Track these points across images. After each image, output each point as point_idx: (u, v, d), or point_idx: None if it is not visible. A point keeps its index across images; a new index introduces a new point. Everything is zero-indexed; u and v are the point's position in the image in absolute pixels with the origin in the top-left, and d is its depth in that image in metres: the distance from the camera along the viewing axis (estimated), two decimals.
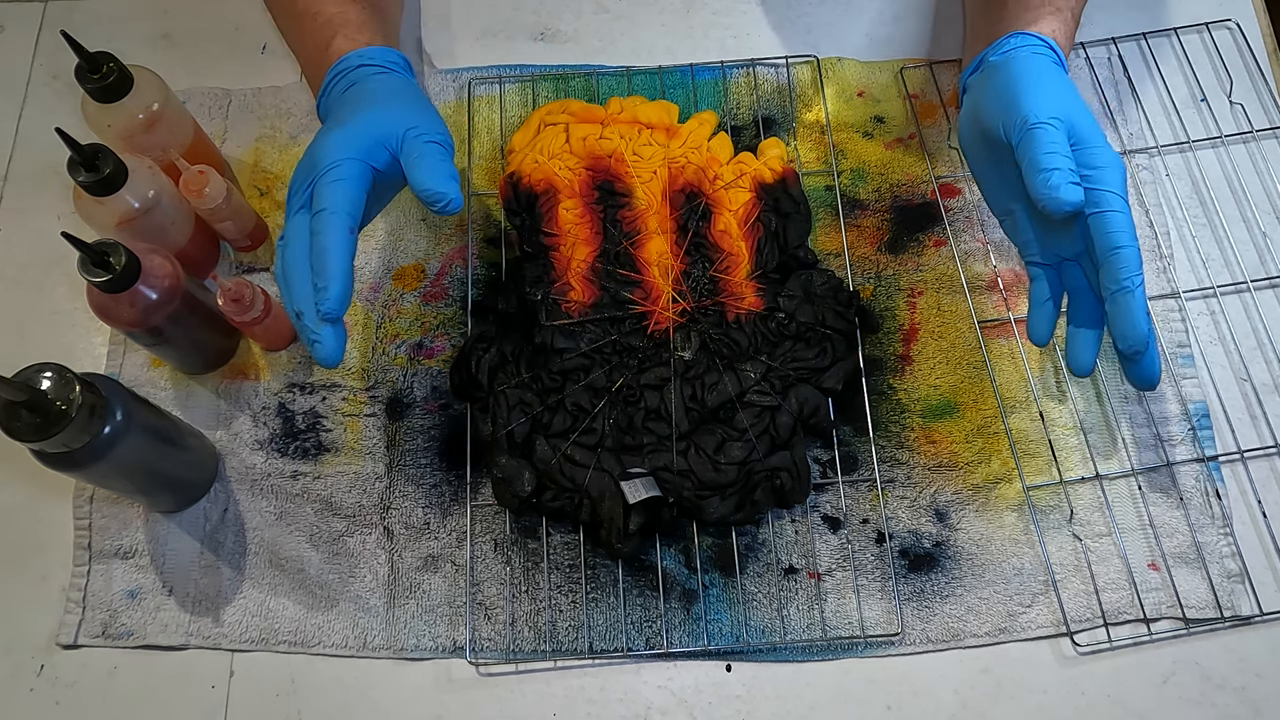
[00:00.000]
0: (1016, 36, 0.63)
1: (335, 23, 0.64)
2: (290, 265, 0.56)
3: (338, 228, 0.55)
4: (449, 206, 0.57)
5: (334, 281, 0.54)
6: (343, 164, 0.57)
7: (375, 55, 0.63)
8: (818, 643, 0.62)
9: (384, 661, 0.62)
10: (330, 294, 0.54)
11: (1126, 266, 0.56)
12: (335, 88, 0.63)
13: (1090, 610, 0.62)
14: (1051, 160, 0.56)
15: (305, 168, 0.58)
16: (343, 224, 0.56)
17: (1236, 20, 0.77)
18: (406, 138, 0.58)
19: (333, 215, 0.55)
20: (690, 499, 0.62)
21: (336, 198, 0.56)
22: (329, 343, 0.55)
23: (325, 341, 0.55)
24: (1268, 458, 0.65)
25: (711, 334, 0.66)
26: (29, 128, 0.76)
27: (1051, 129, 0.57)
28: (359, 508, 0.65)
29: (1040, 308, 0.63)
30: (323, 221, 0.55)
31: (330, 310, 0.54)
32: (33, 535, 0.65)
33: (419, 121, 0.59)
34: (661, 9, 0.79)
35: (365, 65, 0.63)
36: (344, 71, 0.63)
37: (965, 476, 0.65)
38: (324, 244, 0.55)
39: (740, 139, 0.74)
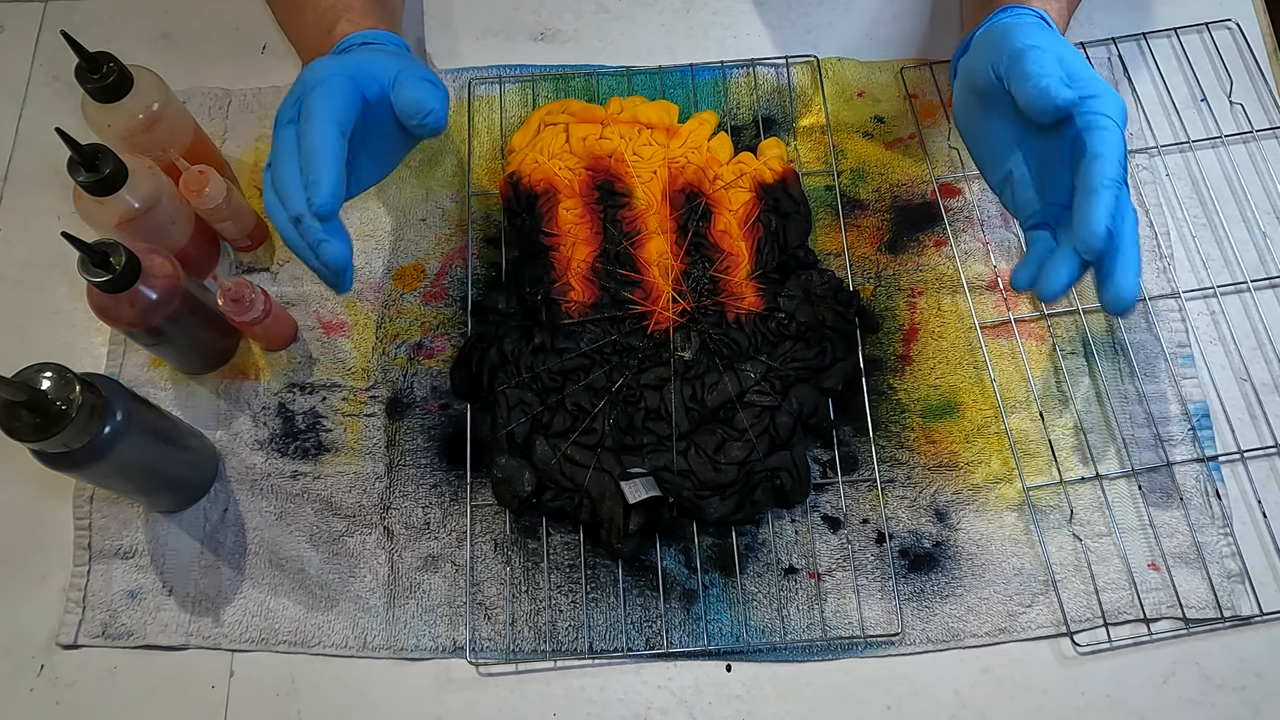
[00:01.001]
0: (1006, 10, 0.62)
1: (339, 8, 0.64)
2: (281, 175, 0.55)
3: (326, 126, 0.55)
4: (430, 117, 0.57)
5: (325, 174, 0.53)
6: (332, 78, 0.56)
7: (379, 37, 0.63)
8: (818, 643, 0.62)
9: (384, 661, 0.62)
10: (322, 188, 0.53)
11: (1100, 170, 0.53)
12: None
13: (1090, 610, 0.62)
14: (1042, 68, 0.55)
15: (292, 91, 0.58)
16: (331, 125, 0.55)
17: (1236, 20, 0.77)
18: (400, 74, 0.58)
19: (321, 116, 0.55)
20: (690, 499, 0.62)
21: (324, 105, 0.55)
22: (334, 241, 0.54)
23: (330, 239, 0.54)
24: (1268, 458, 0.65)
25: (711, 334, 0.66)
26: (29, 128, 0.76)
27: (1039, 51, 0.56)
28: (359, 508, 0.65)
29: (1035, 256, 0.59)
30: (310, 124, 0.55)
31: (323, 204, 0.53)
32: (33, 535, 0.65)
33: (411, 65, 0.59)
34: (661, 9, 0.79)
35: (368, 44, 0.63)
36: (346, 49, 0.62)
37: (965, 476, 0.65)
38: (312, 144, 0.54)
39: (740, 139, 0.74)
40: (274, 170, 0.56)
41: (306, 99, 0.56)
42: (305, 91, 0.56)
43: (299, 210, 0.55)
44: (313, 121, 0.55)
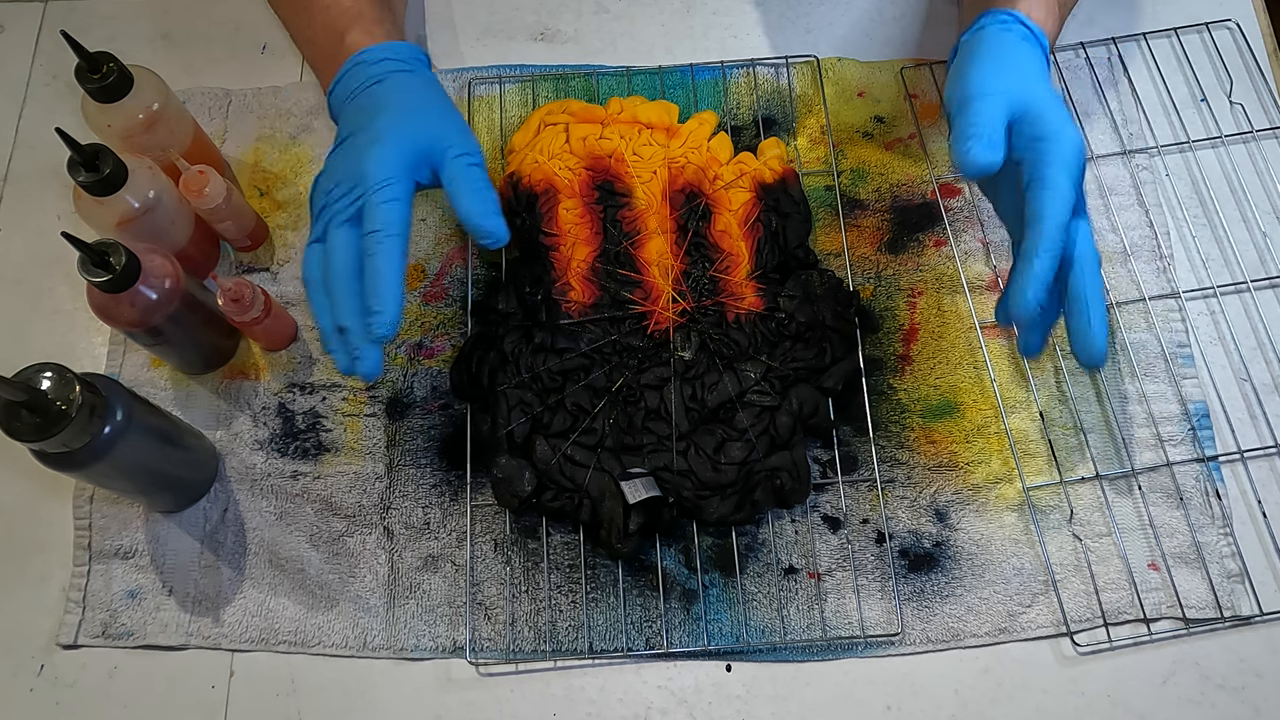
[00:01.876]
0: (988, 14, 0.62)
1: (350, 14, 0.64)
2: (337, 280, 0.56)
3: (396, 251, 0.56)
4: (497, 242, 0.58)
5: (391, 306, 0.55)
6: (395, 183, 0.57)
7: (399, 51, 0.63)
8: (818, 643, 0.62)
9: (384, 661, 0.62)
10: (387, 318, 0.55)
11: (1036, 237, 0.54)
12: (357, 80, 0.62)
13: (1090, 610, 0.62)
14: (970, 129, 0.56)
15: (350, 177, 0.58)
16: (400, 247, 0.56)
17: (1236, 20, 0.77)
18: (447, 157, 0.59)
19: (390, 239, 0.56)
20: (690, 499, 0.62)
21: (393, 219, 0.56)
22: (374, 360, 0.56)
23: (370, 359, 0.56)
24: (1268, 458, 0.65)
25: (711, 334, 0.66)
26: (29, 128, 0.76)
27: (984, 101, 0.57)
28: (359, 508, 0.65)
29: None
30: (380, 244, 0.55)
31: (385, 335, 0.55)
32: (33, 535, 0.65)
33: (457, 138, 0.60)
34: (661, 9, 0.79)
35: (389, 60, 0.63)
36: (366, 64, 0.62)
37: (965, 476, 0.65)
38: (381, 267, 0.55)
39: (740, 139, 0.74)
40: (331, 270, 0.57)
41: (371, 204, 0.56)
42: (367, 192, 0.56)
43: (349, 323, 0.56)
44: (380, 239, 0.55)
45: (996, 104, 0.57)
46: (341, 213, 0.57)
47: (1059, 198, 0.55)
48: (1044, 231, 0.54)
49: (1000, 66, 0.59)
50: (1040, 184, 0.55)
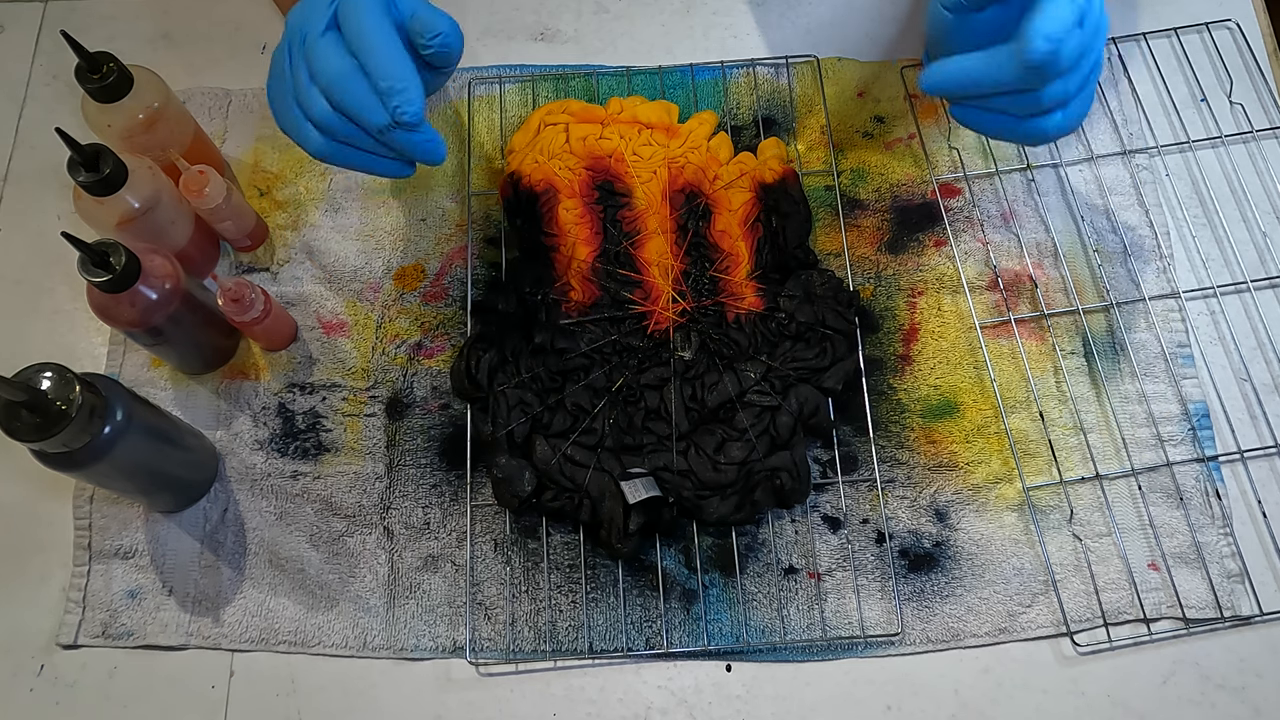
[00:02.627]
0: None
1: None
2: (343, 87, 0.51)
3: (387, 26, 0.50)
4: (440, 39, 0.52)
5: (409, 78, 0.50)
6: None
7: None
8: (818, 643, 0.62)
9: (384, 661, 0.62)
10: (410, 93, 0.50)
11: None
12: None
13: (1090, 610, 0.62)
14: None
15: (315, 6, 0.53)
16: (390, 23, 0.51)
17: (1236, 20, 0.77)
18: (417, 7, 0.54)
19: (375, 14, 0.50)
20: (690, 499, 0.62)
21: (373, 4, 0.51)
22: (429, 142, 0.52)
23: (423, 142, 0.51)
24: (1268, 458, 0.65)
25: (711, 334, 0.66)
26: (29, 128, 0.76)
27: None
28: (359, 508, 0.65)
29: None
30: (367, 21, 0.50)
31: (417, 110, 0.50)
32: (33, 535, 0.65)
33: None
34: (661, 9, 0.79)
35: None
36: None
37: (965, 476, 0.65)
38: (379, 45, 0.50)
39: (740, 139, 0.74)
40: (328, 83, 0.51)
41: (346, 7, 0.51)
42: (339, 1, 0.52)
43: (381, 122, 0.51)
44: (369, 19, 0.50)
45: None
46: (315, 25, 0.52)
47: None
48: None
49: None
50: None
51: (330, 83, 0.52)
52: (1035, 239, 0.71)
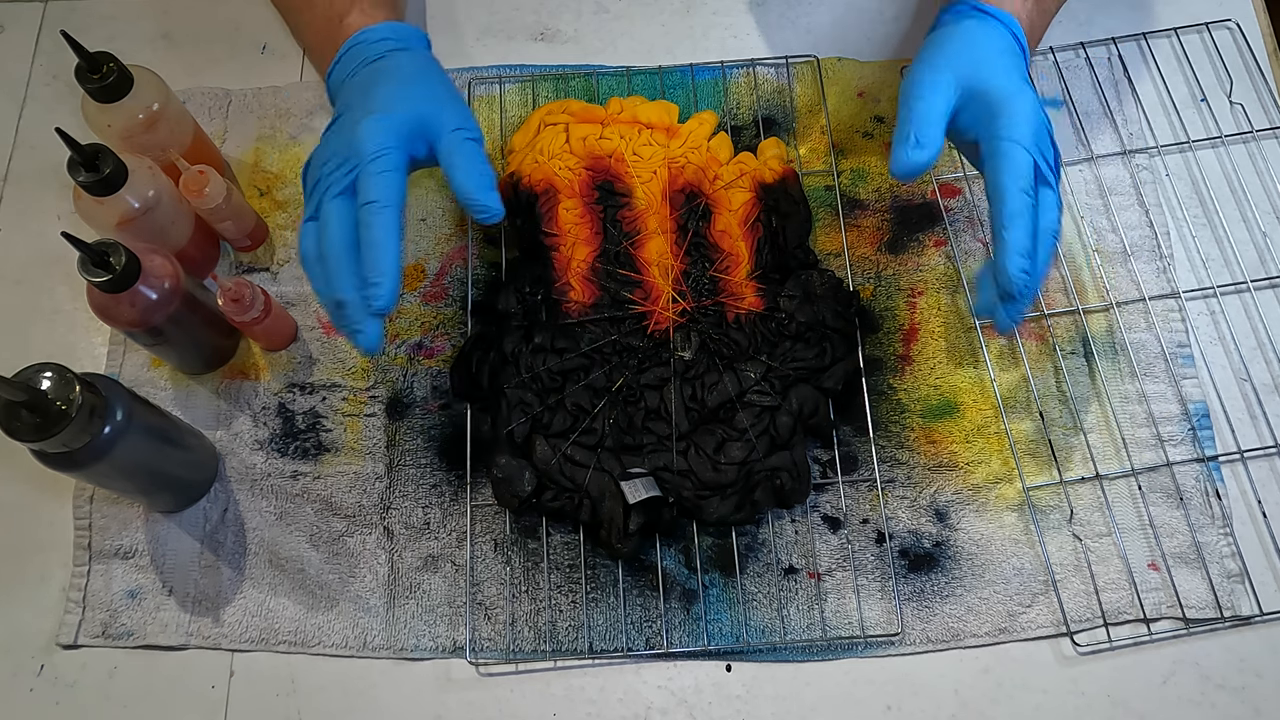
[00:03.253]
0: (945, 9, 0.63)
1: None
2: (332, 253, 0.55)
3: (392, 222, 0.55)
4: (490, 217, 0.57)
5: (389, 277, 0.54)
6: (390, 153, 0.56)
7: (398, 31, 0.63)
8: (818, 643, 0.62)
9: (384, 661, 0.62)
10: (385, 289, 0.54)
11: (1003, 208, 0.55)
12: (355, 60, 0.62)
13: (1090, 610, 0.62)
14: (902, 130, 0.57)
15: (344, 149, 0.57)
16: (396, 218, 0.55)
17: (1236, 20, 0.77)
18: (444, 132, 0.58)
19: (386, 209, 0.55)
20: (690, 499, 0.62)
21: (388, 190, 0.55)
22: (374, 334, 0.55)
23: (370, 332, 0.55)
24: (1268, 458, 0.65)
25: (711, 334, 0.66)
26: (29, 128, 0.76)
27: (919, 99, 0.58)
28: (359, 508, 0.65)
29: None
30: (376, 215, 0.55)
31: (385, 307, 0.54)
32: (33, 535, 0.65)
33: (454, 114, 0.59)
34: (661, 9, 0.79)
35: (388, 39, 0.62)
36: (365, 44, 0.62)
37: (965, 476, 0.65)
38: (377, 238, 0.54)
39: (740, 139, 0.74)
40: (326, 243, 0.56)
41: (365, 175, 0.55)
42: (361, 163, 0.56)
43: (346, 297, 0.55)
44: (376, 214, 0.55)
45: (935, 99, 0.58)
46: (335, 185, 0.56)
47: (1013, 167, 0.55)
48: (1006, 203, 0.55)
49: (947, 57, 0.59)
50: (995, 157, 0.56)
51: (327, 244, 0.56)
52: None
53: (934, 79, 0.58)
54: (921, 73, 0.59)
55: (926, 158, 0.57)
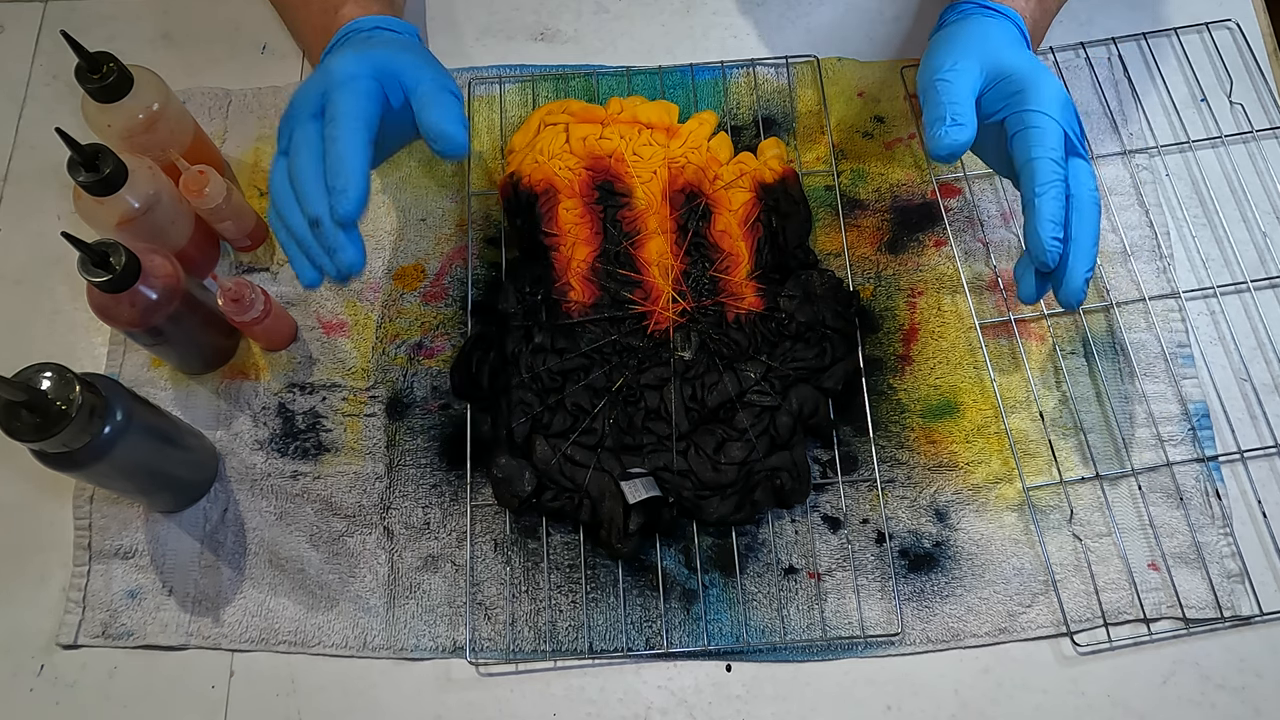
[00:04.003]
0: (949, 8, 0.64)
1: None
2: (300, 172, 0.55)
3: (356, 132, 0.54)
4: (454, 148, 0.56)
5: (353, 183, 0.53)
6: (360, 79, 0.56)
7: (392, 24, 0.63)
8: (818, 643, 0.62)
9: (384, 661, 0.62)
10: (350, 195, 0.53)
11: (1035, 177, 0.55)
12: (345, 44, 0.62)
13: (1090, 610, 0.62)
14: (937, 112, 0.57)
15: (315, 82, 0.57)
16: (361, 131, 0.54)
17: (1236, 20, 0.77)
18: (421, 81, 0.57)
19: (351, 120, 0.54)
20: (690, 499, 0.62)
21: (355, 106, 0.55)
22: (351, 248, 0.54)
23: (347, 247, 0.54)
24: (1268, 458, 0.65)
25: (711, 334, 0.66)
26: (29, 128, 0.76)
27: (948, 81, 0.58)
28: (359, 508, 0.65)
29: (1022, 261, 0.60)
30: (340, 127, 0.54)
31: (348, 213, 0.53)
32: (33, 535, 0.65)
33: (437, 73, 0.59)
34: (661, 9, 0.79)
35: (381, 29, 0.62)
36: (357, 31, 0.62)
37: (965, 476, 0.65)
38: (342, 149, 0.54)
39: (740, 139, 0.74)
40: (293, 167, 0.55)
41: (333, 97, 0.55)
42: (331, 87, 0.55)
43: (318, 213, 0.54)
44: (342, 125, 0.54)
45: (962, 80, 0.58)
46: (303, 114, 0.56)
47: (1044, 137, 0.55)
48: (1037, 171, 0.55)
49: (963, 46, 0.60)
50: (1024, 131, 0.56)
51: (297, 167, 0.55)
52: None
53: (956, 63, 0.58)
54: (942, 58, 0.59)
55: (967, 136, 0.57)
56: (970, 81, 0.58)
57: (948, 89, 0.58)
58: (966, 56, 0.59)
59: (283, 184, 0.56)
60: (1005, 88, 0.58)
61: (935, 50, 0.61)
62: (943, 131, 0.57)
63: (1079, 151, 0.57)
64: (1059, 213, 0.55)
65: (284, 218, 0.56)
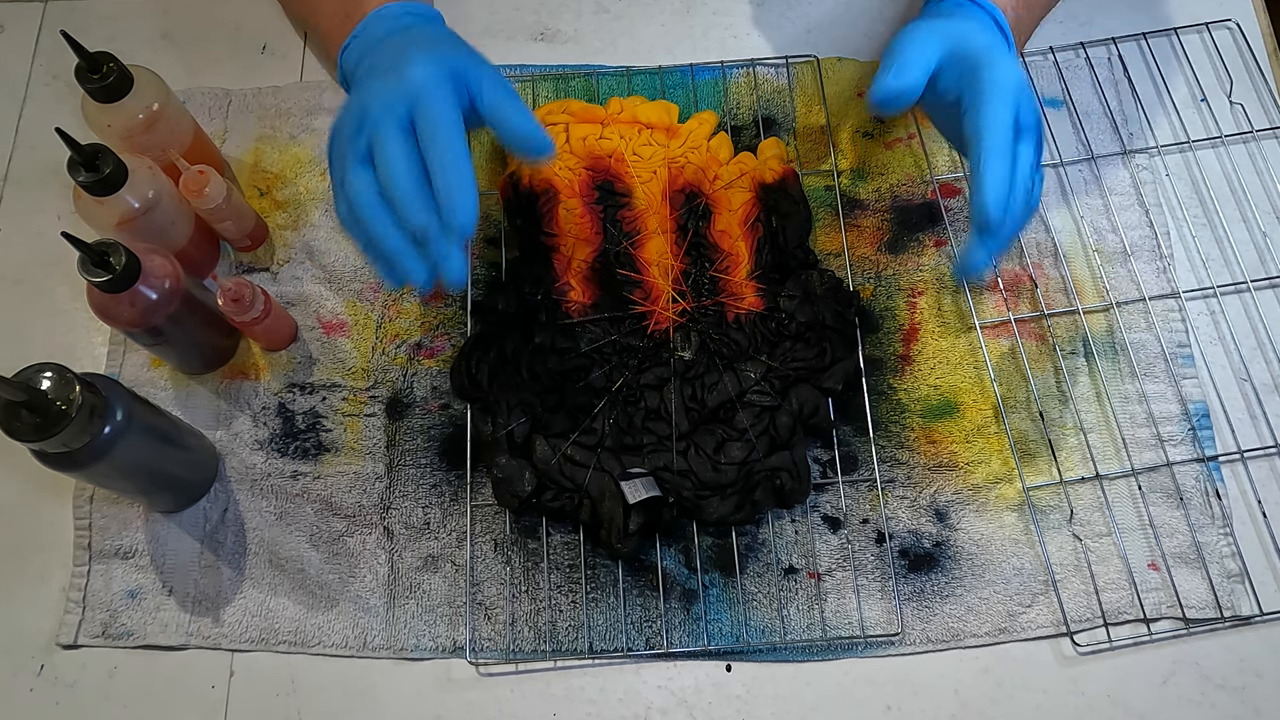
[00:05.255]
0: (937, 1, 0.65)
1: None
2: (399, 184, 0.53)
3: (460, 140, 0.53)
4: (543, 148, 0.56)
5: (468, 195, 0.52)
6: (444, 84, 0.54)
7: (423, 10, 0.63)
8: (818, 643, 0.62)
9: (384, 661, 0.62)
10: (467, 205, 0.52)
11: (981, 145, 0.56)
12: (379, 30, 0.61)
13: (1090, 610, 0.62)
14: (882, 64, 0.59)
15: (390, 95, 0.54)
16: (463, 138, 0.54)
17: (1236, 20, 0.77)
18: (485, 83, 0.56)
19: (452, 128, 0.53)
20: (690, 499, 0.62)
21: (451, 114, 0.54)
22: (459, 258, 0.53)
23: (456, 259, 0.53)
24: (1268, 458, 0.65)
25: (711, 334, 0.66)
26: (29, 128, 0.76)
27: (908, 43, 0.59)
28: (359, 508, 0.65)
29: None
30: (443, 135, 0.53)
31: (466, 223, 0.52)
32: (33, 535, 0.65)
33: (489, 70, 0.58)
34: (661, 9, 0.79)
35: (410, 14, 0.62)
36: (386, 17, 0.61)
37: (965, 476, 0.65)
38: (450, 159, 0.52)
39: (740, 139, 0.74)
40: (388, 179, 0.53)
41: (426, 104, 0.54)
42: (420, 94, 0.54)
43: (424, 224, 0.52)
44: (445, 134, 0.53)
45: (917, 48, 0.59)
46: (390, 125, 0.54)
47: (993, 110, 0.56)
48: (984, 139, 0.56)
49: (932, 24, 0.60)
50: (975, 104, 0.57)
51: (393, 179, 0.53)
52: (1035, 239, 0.71)
53: (917, 35, 0.60)
54: (906, 30, 0.61)
55: (902, 85, 0.58)
56: (928, 50, 0.59)
57: (901, 49, 0.59)
58: (931, 32, 0.60)
59: (370, 196, 0.54)
60: (963, 67, 0.58)
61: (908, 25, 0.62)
62: (880, 79, 0.58)
63: (1030, 137, 0.57)
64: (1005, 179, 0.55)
65: (372, 229, 0.54)
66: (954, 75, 0.59)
